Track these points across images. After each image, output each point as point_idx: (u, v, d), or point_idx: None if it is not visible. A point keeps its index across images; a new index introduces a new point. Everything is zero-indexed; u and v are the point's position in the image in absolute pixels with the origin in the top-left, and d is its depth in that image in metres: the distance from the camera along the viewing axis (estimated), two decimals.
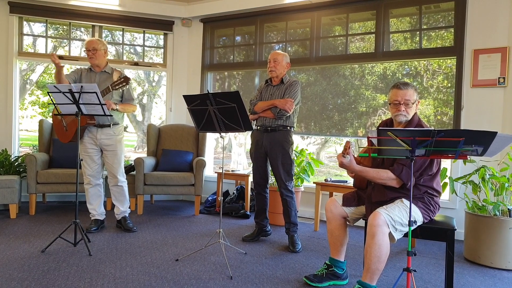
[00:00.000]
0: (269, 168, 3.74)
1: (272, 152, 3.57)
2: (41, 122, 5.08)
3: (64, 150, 4.89)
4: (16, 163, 4.87)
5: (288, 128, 3.58)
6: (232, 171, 5.22)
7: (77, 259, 3.06)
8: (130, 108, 3.95)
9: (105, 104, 3.31)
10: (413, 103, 2.47)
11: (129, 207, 4.13)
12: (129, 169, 4.91)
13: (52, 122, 3.87)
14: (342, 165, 2.42)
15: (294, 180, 4.20)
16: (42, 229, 3.89)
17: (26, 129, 15.50)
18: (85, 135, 3.82)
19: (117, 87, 3.58)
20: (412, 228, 2.31)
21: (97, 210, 3.94)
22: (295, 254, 3.41)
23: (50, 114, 11.79)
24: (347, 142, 2.36)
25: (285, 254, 3.39)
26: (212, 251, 3.36)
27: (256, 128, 3.70)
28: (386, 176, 2.41)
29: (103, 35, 5.64)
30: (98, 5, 5.32)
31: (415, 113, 2.54)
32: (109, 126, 3.84)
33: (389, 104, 2.54)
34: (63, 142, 3.88)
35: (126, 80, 3.57)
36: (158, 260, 3.10)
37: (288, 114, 3.50)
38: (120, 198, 4.01)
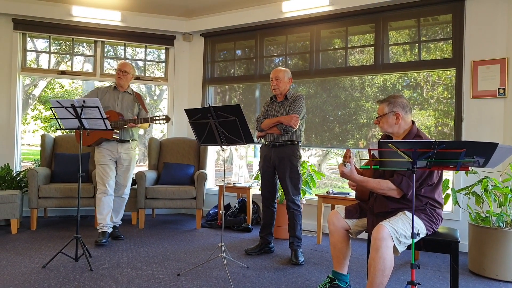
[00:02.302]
0: (277, 182, 3.75)
1: (280, 166, 3.60)
2: (43, 137, 5.10)
3: (66, 165, 4.90)
4: (18, 178, 4.87)
5: (296, 142, 3.61)
6: (233, 183, 5.21)
7: (78, 274, 3.04)
8: (146, 124, 4.09)
9: (107, 119, 3.33)
10: (382, 116, 2.57)
11: (121, 220, 4.31)
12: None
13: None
14: (343, 174, 2.43)
15: None
16: (43, 244, 3.88)
17: (28, 144, 15.55)
18: (103, 145, 4.03)
19: (156, 121, 3.90)
20: (416, 240, 2.29)
21: (106, 220, 4.00)
22: (298, 268, 3.38)
23: (53, 128, 11.86)
24: (348, 150, 2.35)
25: (288, 268, 3.37)
26: (214, 265, 3.33)
27: (264, 143, 3.73)
28: (386, 186, 2.41)
29: (105, 49, 5.70)
30: (101, 21, 5.39)
31: (414, 124, 2.56)
32: (128, 141, 4.10)
33: None
34: (84, 145, 4.04)
35: (167, 119, 3.89)
36: (159, 275, 3.08)
37: (294, 130, 3.53)
38: (118, 209, 4.20)
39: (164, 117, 3.90)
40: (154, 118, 3.91)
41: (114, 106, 4.05)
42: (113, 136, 3.94)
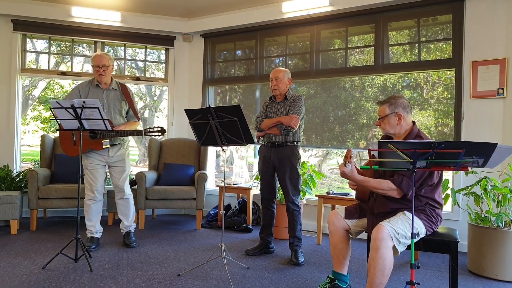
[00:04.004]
0: (277, 183, 3.75)
1: (280, 166, 3.60)
2: (43, 138, 5.10)
3: (66, 165, 4.90)
4: (18, 179, 4.87)
5: (295, 143, 3.61)
6: (233, 184, 5.21)
7: (78, 275, 3.04)
8: (134, 125, 3.94)
9: (107, 120, 3.33)
10: (383, 117, 2.57)
11: (134, 222, 4.10)
12: (130, 183, 4.89)
13: (58, 135, 3.94)
14: (343, 174, 2.43)
15: None
16: (43, 245, 3.88)
17: (27, 144, 15.54)
18: (92, 151, 3.78)
19: (150, 134, 3.68)
20: (415, 240, 2.29)
21: (96, 227, 3.87)
22: (298, 268, 3.38)
23: (52, 129, 11.86)
24: (348, 150, 2.35)
25: (288, 268, 3.37)
26: (214, 266, 3.33)
27: (263, 144, 3.73)
28: (386, 186, 2.41)
29: (105, 50, 5.70)
30: (100, 22, 5.39)
31: (414, 125, 2.57)
32: (119, 144, 3.89)
33: None
34: (69, 156, 3.85)
35: (163, 132, 3.70)
36: (160, 276, 3.08)
37: (294, 130, 3.53)
38: (125, 211, 3.98)
39: (159, 129, 3.69)
40: (148, 130, 3.69)
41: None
42: (104, 147, 3.74)
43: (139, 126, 4.06)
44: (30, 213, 4.50)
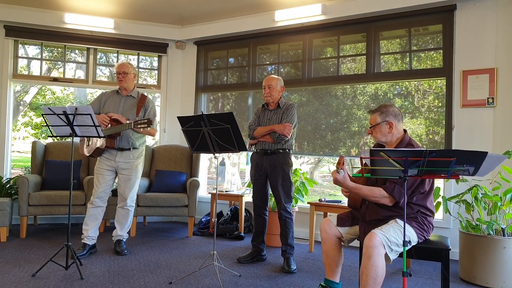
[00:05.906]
0: (269, 190, 3.75)
1: (272, 174, 3.60)
2: (34, 144, 5.06)
3: (57, 172, 4.85)
4: (8, 185, 4.82)
5: (287, 150, 3.63)
6: (226, 191, 5.20)
7: (68, 283, 3.00)
8: (149, 130, 3.84)
9: (99, 126, 3.31)
10: (375, 126, 2.60)
11: (128, 233, 4.07)
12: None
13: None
14: (336, 181, 2.44)
15: None
16: (33, 253, 3.83)
17: (18, 151, 15.36)
18: (104, 154, 3.84)
19: (139, 126, 3.63)
20: (407, 248, 2.31)
21: (88, 232, 3.81)
22: (290, 276, 3.37)
23: (43, 135, 11.74)
24: (341, 157, 2.36)
25: (280, 276, 3.36)
26: (206, 274, 3.32)
27: (255, 151, 3.73)
28: (379, 193, 2.42)
29: (98, 57, 5.69)
30: (93, 28, 5.38)
31: (406, 133, 2.60)
32: (128, 149, 3.85)
33: None
34: (83, 156, 3.93)
35: (149, 123, 3.63)
36: (151, 283, 3.05)
37: (287, 139, 3.54)
38: (122, 221, 3.95)
39: (145, 120, 3.63)
40: (136, 123, 3.63)
41: (114, 112, 3.82)
42: (107, 145, 3.72)
43: (156, 134, 4.08)
44: (20, 220, 4.44)
